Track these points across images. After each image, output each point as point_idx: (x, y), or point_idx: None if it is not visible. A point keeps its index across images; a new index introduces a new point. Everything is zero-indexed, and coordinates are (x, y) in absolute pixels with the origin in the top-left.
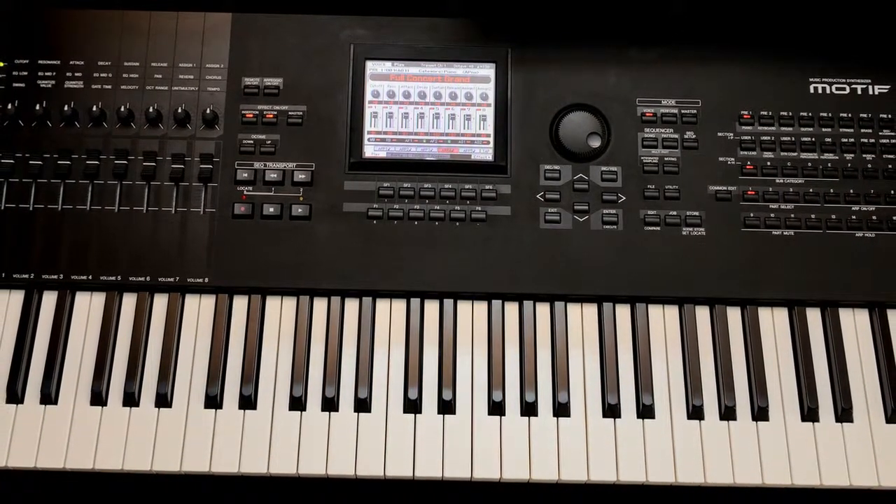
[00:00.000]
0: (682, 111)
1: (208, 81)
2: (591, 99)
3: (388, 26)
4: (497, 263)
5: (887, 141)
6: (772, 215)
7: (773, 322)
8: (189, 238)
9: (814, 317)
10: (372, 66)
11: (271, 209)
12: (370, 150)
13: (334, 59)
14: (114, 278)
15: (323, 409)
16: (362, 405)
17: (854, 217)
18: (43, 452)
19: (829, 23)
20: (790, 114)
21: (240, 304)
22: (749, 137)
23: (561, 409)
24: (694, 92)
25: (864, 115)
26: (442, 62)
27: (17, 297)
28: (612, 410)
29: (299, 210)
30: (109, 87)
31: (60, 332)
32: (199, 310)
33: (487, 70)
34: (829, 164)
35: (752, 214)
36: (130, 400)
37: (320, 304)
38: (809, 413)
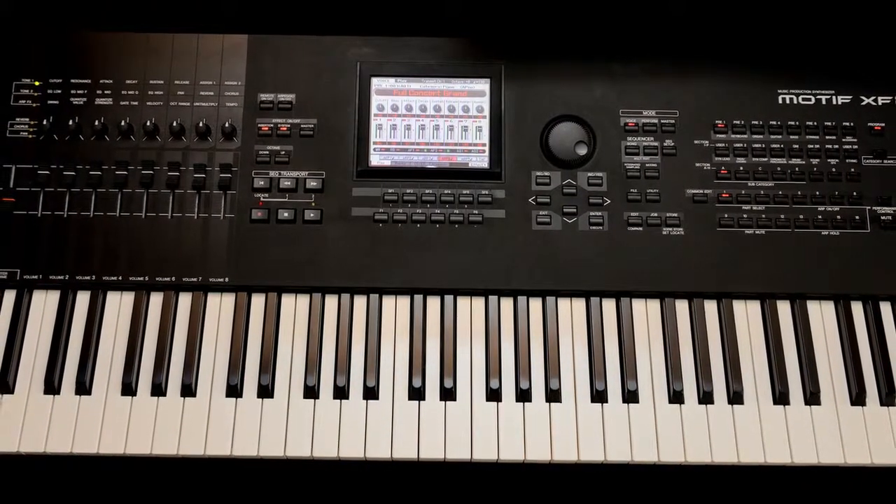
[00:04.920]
0: (662, 121)
1: (227, 97)
2: (578, 110)
3: (391, 46)
4: (493, 262)
5: (850, 147)
6: (744, 216)
7: (747, 314)
8: (210, 241)
9: (784, 309)
10: (377, 83)
11: (285, 214)
12: (376, 159)
13: (342, 77)
14: (142, 279)
15: (334, 397)
16: (371, 393)
17: (820, 217)
18: (78, 439)
19: (795, 39)
20: (760, 122)
21: (257, 301)
22: (723, 145)
23: (553, 395)
24: (672, 103)
25: (829, 124)
26: (441, 78)
27: (54, 296)
28: (599, 396)
29: (311, 215)
30: (136, 103)
31: (93, 328)
32: (220, 307)
33: (483, 85)
34: (797, 169)
35: (726, 215)
36: (158, 390)
37: (331, 301)
38: (781, 396)
